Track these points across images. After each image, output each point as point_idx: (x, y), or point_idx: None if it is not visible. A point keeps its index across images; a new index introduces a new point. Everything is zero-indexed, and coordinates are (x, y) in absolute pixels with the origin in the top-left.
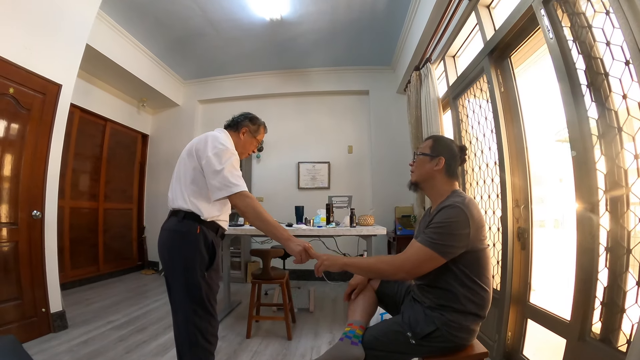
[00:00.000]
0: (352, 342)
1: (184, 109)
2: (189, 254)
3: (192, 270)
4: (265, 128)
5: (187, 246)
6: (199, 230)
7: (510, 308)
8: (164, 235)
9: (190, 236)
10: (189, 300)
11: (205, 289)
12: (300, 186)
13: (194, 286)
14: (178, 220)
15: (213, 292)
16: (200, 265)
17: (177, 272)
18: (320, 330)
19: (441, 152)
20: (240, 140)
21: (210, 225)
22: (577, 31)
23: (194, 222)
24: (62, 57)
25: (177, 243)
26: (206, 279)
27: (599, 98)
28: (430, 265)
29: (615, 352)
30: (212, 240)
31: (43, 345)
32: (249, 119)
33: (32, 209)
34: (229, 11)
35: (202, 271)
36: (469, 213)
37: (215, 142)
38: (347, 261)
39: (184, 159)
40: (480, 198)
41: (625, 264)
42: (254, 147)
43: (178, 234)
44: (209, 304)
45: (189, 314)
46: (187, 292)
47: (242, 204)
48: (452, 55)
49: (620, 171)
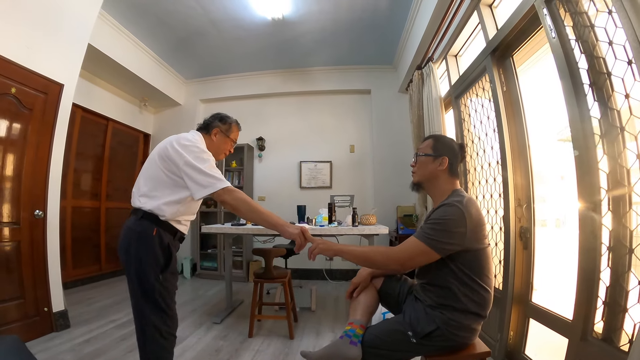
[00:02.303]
0: (352, 342)
1: (186, 108)
2: (144, 254)
3: (146, 271)
4: (239, 126)
5: (142, 246)
6: (155, 232)
7: (512, 307)
8: (123, 232)
9: (146, 237)
10: (143, 299)
11: (160, 290)
12: (302, 185)
13: (147, 286)
14: (136, 219)
15: (169, 293)
16: (155, 267)
17: (131, 271)
18: (322, 329)
19: (444, 151)
20: (213, 141)
21: (168, 227)
22: (580, 30)
23: (150, 223)
24: (64, 57)
25: (132, 242)
26: (160, 281)
27: (602, 97)
28: (423, 259)
29: (617, 351)
30: (169, 243)
31: (45, 344)
32: (218, 119)
33: (35, 209)
34: (231, 10)
35: (156, 273)
36: (467, 212)
37: (190, 145)
38: (342, 247)
39: (154, 159)
40: (482, 197)
41: (628, 263)
42: (229, 146)
43: (134, 233)
44: (163, 303)
45: (143, 311)
46: (141, 291)
47: (231, 198)
48: (454, 54)
49: (622, 171)
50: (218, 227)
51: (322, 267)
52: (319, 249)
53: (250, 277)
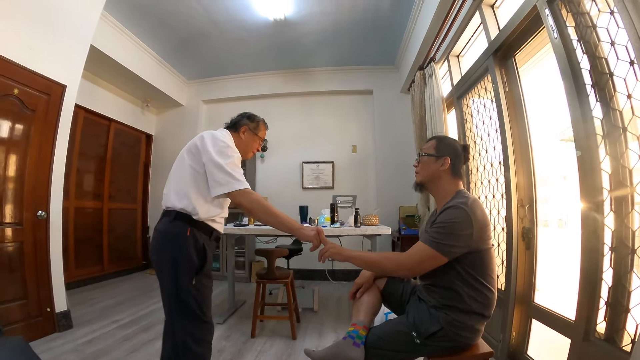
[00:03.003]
0: (354, 343)
1: (188, 109)
2: (178, 256)
3: (181, 274)
4: (266, 124)
5: (176, 248)
6: (189, 232)
7: (515, 308)
8: (155, 236)
9: (180, 238)
10: (176, 304)
11: (195, 294)
12: (305, 186)
13: (182, 290)
14: (169, 221)
15: (203, 297)
16: (189, 269)
17: (165, 275)
18: (324, 329)
19: (446, 152)
20: (242, 139)
21: (202, 227)
22: (582, 31)
23: (184, 223)
24: (66, 58)
25: (166, 245)
26: (195, 285)
27: (604, 98)
28: (432, 264)
29: (620, 352)
30: (204, 243)
31: (48, 344)
32: (247, 117)
33: (37, 209)
34: (233, 11)
35: (190, 276)
36: (472, 214)
37: (217, 139)
38: (352, 254)
39: (183, 156)
40: (485, 198)
41: (630, 263)
42: (258, 144)
43: (168, 236)
44: (198, 309)
45: (177, 318)
46: (175, 296)
47: (247, 200)
48: (456, 54)
49: (625, 171)
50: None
51: (325, 268)
52: (330, 252)
53: (253, 277)
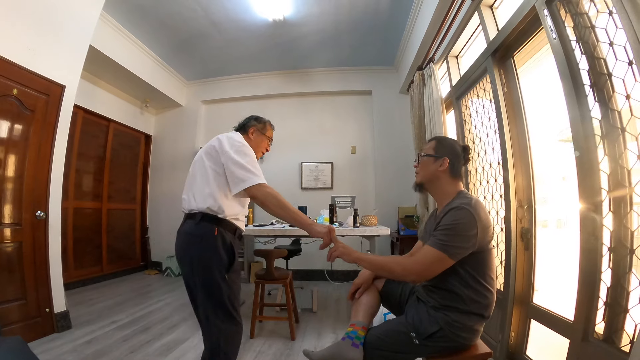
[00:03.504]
0: (353, 344)
1: (187, 109)
2: (209, 257)
3: (213, 272)
4: (272, 125)
5: (206, 249)
6: (217, 232)
7: (514, 308)
8: (181, 239)
9: (209, 239)
10: (211, 302)
11: (226, 290)
12: (304, 186)
13: (215, 288)
14: (195, 223)
15: (234, 293)
16: (220, 267)
17: (197, 275)
18: (323, 330)
19: (445, 152)
20: (251, 140)
21: (227, 226)
22: (580, 31)
23: (211, 224)
24: (66, 58)
25: (195, 246)
26: (227, 281)
27: (602, 98)
28: (440, 267)
29: (619, 352)
30: (231, 241)
31: (47, 345)
32: (254, 119)
33: (36, 210)
34: (232, 12)
35: (221, 273)
36: (476, 214)
37: (233, 140)
38: (361, 255)
39: (201, 159)
40: (483, 198)
41: (629, 264)
42: (266, 144)
43: (196, 238)
44: (231, 306)
45: (211, 317)
46: (208, 295)
47: (261, 193)
48: (455, 55)
49: (623, 171)
50: None
51: (324, 268)
52: (339, 251)
53: (252, 278)
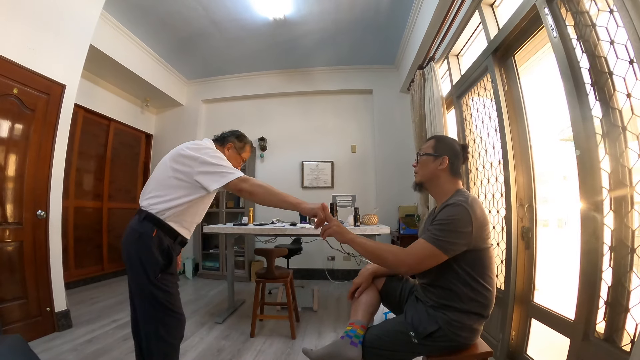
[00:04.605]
0: (352, 342)
1: (188, 108)
2: (142, 254)
3: (146, 269)
4: (252, 147)
5: (141, 247)
6: (155, 233)
7: (514, 307)
8: (126, 232)
9: (145, 237)
10: (145, 297)
11: (161, 286)
12: (304, 185)
13: (149, 284)
14: (139, 220)
15: (170, 294)
16: (154, 265)
17: (132, 269)
18: (323, 329)
19: (444, 151)
20: (225, 154)
21: (168, 230)
22: (581, 30)
23: (151, 224)
24: (66, 58)
25: (133, 242)
26: (160, 280)
27: (603, 97)
28: (432, 262)
29: (619, 351)
30: (168, 245)
31: (48, 344)
32: (235, 136)
33: (37, 209)
34: (233, 11)
35: (155, 272)
36: (472, 211)
37: (203, 147)
38: (354, 238)
39: (166, 162)
40: (484, 197)
41: (630, 263)
42: (239, 164)
43: (135, 233)
44: (165, 300)
45: (146, 308)
46: (142, 289)
47: (248, 185)
48: (456, 54)
49: (624, 170)
50: (220, 227)
51: (324, 267)
52: (332, 229)
53: (252, 277)
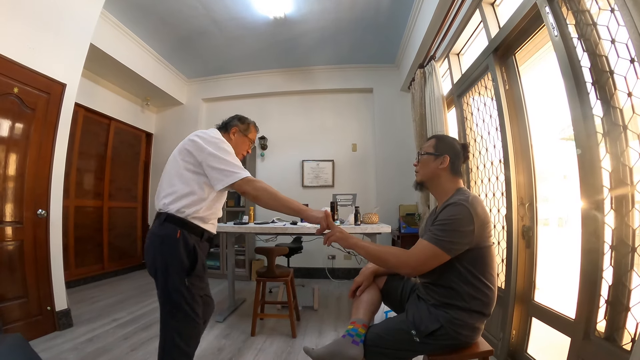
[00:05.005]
0: (353, 341)
1: (188, 107)
2: (168, 258)
3: (172, 275)
4: (256, 127)
5: (166, 251)
6: (179, 234)
7: (515, 306)
8: (148, 239)
9: (170, 240)
10: (168, 303)
11: (186, 295)
12: (305, 184)
13: (174, 291)
14: (159, 224)
15: (194, 298)
16: (180, 271)
17: (158, 275)
18: (324, 328)
19: (445, 150)
20: (232, 140)
21: (192, 228)
22: (582, 29)
23: (174, 225)
24: (66, 57)
25: (157, 247)
26: (187, 285)
27: (604, 96)
28: (435, 262)
29: (620, 350)
30: (194, 244)
31: (48, 343)
32: (237, 118)
33: (37, 208)
34: (233, 10)
35: (181, 277)
36: (473, 210)
37: (210, 137)
38: (357, 242)
39: (175, 157)
40: (485, 196)
41: (630, 262)
42: (247, 146)
43: (158, 238)
44: (188, 308)
45: (167, 316)
46: (166, 296)
47: (252, 188)
48: (457, 53)
49: (625, 169)
50: (220, 226)
51: (325, 266)
52: (335, 237)
53: (253, 275)
